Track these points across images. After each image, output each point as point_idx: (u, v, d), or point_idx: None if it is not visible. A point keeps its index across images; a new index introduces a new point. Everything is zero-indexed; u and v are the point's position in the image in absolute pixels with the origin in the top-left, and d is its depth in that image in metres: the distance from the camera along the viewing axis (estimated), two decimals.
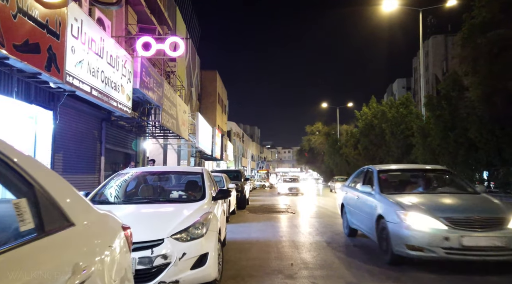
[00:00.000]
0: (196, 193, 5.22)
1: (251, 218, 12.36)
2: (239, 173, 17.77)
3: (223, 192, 5.28)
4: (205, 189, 5.05)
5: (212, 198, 5.03)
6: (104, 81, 7.98)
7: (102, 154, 13.23)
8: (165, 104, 14.01)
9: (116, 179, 5.30)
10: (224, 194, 5.21)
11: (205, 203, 4.71)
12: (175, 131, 16.11)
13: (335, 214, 13.39)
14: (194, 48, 33.59)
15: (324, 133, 75.00)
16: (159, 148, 23.15)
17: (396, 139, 30.60)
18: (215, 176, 12.89)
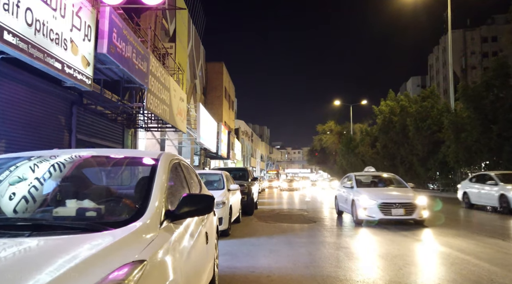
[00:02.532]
0: (126, 206, 2.37)
1: (259, 230, 9.48)
2: (245, 172, 14.87)
3: (194, 200, 2.32)
4: (149, 196, 2.15)
5: (167, 216, 2.16)
6: (33, 25, 5.19)
7: (71, 147, 10.46)
8: (152, 85, 11.21)
9: None
10: (196, 205, 2.26)
11: (125, 237, 1.76)
12: (167, 120, 13.30)
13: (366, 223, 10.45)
14: (198, 36, 30.84)
15: (337, 132, 72.18)
16: (155, 144, 20.41)
17: (421, 135, 27.47)
18: (212, 175, 10.05)
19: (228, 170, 14.50)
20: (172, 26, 21.56)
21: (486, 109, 19.67)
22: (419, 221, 9.97)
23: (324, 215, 13.35)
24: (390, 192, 10.92)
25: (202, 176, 9.79)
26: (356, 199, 10.42)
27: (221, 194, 8.34)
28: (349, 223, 10.85)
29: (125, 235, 1.77)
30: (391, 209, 9.76)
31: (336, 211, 13.21)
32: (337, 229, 9.57)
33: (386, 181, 12.46)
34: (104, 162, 3.08)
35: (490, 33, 79.05)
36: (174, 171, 3.05)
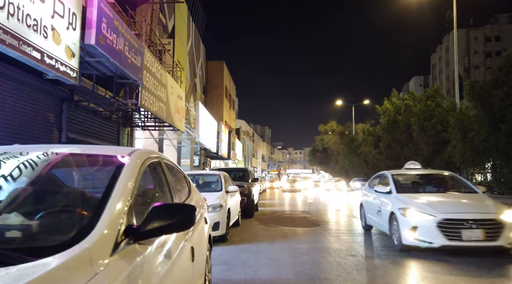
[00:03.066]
0: (78, 220, 1.72)
1: (260, 234, 8.89)
2: (245, 172, 14.27)
3: (167, 212, 1.59)
4: (103, 208, 1.52)
5: (128, 234, 1.58)
6: (6, 8, 4.62)
7: None
8: (147, 81, 10.65)
9: None
10: (170, 218, 1.57)
11: (45, 275, 1.17)
12: (164, 119, 12.73)
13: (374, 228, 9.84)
14: (198, 34, 30.27)
15: (338, 132, 71.64)
16: (154, 143, 19.84)
17: (426, 135, 26.82)
18: (209, 175, 9.48)
19: (228, 171, 13.93)
20: (171, 23, 21.01)
21: (495, 107, 19.03)
22: (508, 250, 6.35)
23: (328, 218, 12.76)
24: (455, 202, 7.10)
25: (199, 177, 9.22)
26: (399, 212, 6.84)
27: (219, 196, 7.77)
28: (357, 228, 10.24)
29: (46, 271, 1.18)
30: (460, 229, 6.11)
31: (363, 225, 9.57)
32: (342, 234, 8.97)
33: (441, 183, 8.35)
34: (69, 162, 2.48)
35: (493, 33, 78.41)
36: (152, 173, 2.47)
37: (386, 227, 7.41)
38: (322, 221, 11.55)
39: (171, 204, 1.76)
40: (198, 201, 3.71)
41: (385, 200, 7.73)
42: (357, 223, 10.87)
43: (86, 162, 2.25)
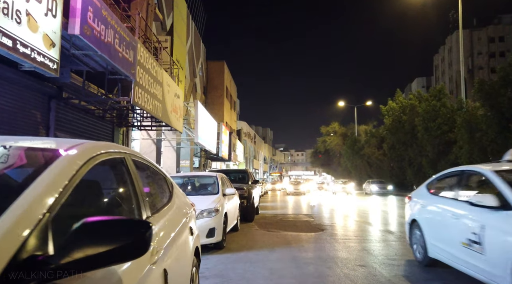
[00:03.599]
0: None
1: (260, 240, 8.28)
2: (245, 174, 13.65)
3: (102, 232, 1.04)
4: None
5: (32, 270, 0.97)
6: None
7: None
8: (140, 77, 10.05)
9: None
10: (104, 243, 1.02)
11: None
12: (159, 118, 12.14)
13: (384, 234, 9.21)
14: (198, 33, 29.71)
15: (341, 134, 70.94)
16: (151, 144, 19.26)
17: (431, 136, 26.17)
18: (205, 177, 8.88)
19: (226, 172, 13.33)
20: (169, 20, 20.44)
21: (503, 107, 18.40)
22: None
23: (333, 222, 12.12)
24: None
25: (194, 179, 8.61)
26: None
27: (214, 200, 7.15)
28: (368, 234, 9.61)
29: None
30: None
31: (418, 257, 5.86)
32: (349, 240, 8.34)
33: None
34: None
35: (497, 33, 77.68)
36: (109, 174, 1.86)
37: (499, 276, 3.84)
38: (325, 226, 10.91)
39: (111, 219, 1.16)
40: (180, 207, 3.09)
41: (495, 223, 4.11)
42: (369, 229, 10.26)
43: (15, 156, 1.63)
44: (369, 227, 10.68)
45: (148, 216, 2.10)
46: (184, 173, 16.66)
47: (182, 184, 8.34)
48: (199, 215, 6.52)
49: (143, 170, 2.45)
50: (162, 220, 2.38)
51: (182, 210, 3.08)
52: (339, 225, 11.35)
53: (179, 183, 8.35)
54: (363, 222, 11.86)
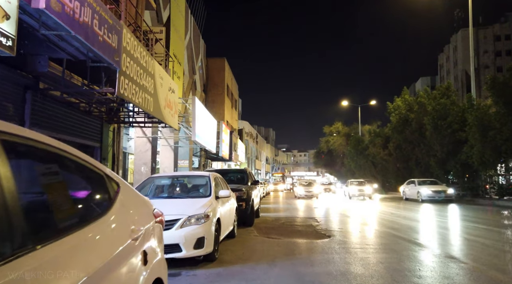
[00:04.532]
0: None
1: (258, 250, 7.25)
2: (244, 174, 12.61)
3: None
4: None
5: None
6: None
7: None
8: (127, 67, 9.05)
9: None
10: None
11: None
12: (151, 113, 11.13)
13: (413, 243, 8.14)
14: (198, 29, 28.72)
15: (344, 134, 69.80)
16: (146, 142, 18.26)
17: (440, 134, 25.07)
18: (196, 177, 7.88)
19: (223, 172, 12.32)
20: (166, 13, 19.47)
21: None
22: None
23: (339, 227, 11.08)
24: None
25: (182, 180, 7.59)
26: None
27: (205, 203, 6.13)
28: (372, 237, 8.55)
29: None
30: None
31: None
32: (361, 250, 7.29)
33: None
34: None
35: (503, 31, 76.43)
36: None
37: None
38: (332, 231, 9.88)
39: None
40: (124, 223, 2.04)
41: None
42: (388, 237, 9.20)
43: None
44: (385, 230, 9.61)
45: (23, 248, 1.08)
46: (173, 172, 15.62)
47: (169, 185, 7.33)
48: (186, 223, 5.52)
49: (39, 161, 1.43)
50: (69, 248, 1.35)
51: (126, 226, 2.03)
52: (346, 230, 10.32)
53: (166, 184, 7.35)
54: (385, 228, 10.79)
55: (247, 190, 10.90)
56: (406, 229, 10.34)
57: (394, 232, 9.43)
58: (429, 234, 9.66)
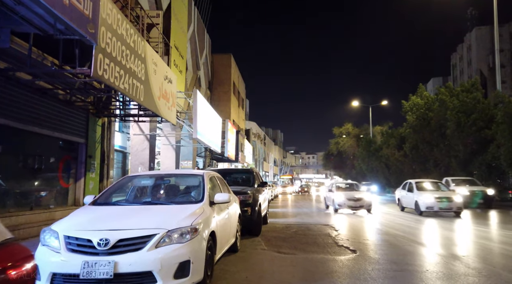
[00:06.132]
0: None
1: (267, 272, 5.59)
2: (250, 175, 10.87)
3: None
4: None
5: None
6: None
7: None
8: (107, 43, 7.44)
9: None
10: None
11: None
12: (141, 102, 9.51)
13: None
14: (203, 23, 27.17)
15: (354, 135, 67.82)
16: (144, 140, 16.68)
17: (463, 133, 23.16)
18: (185, 177, 6.23)
19: (225, 172, 10.64)
20: (166, 0, 17.91)
21: None
22: None
23: (366, 238, 9.36)
24: None
25: (168, 180, 5.92)
26: None
27: (192, 212, 4.46)
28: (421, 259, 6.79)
29: None
30: None
31: None
32: (399, 272, 5.57)
33: None
34: None
35: None
36: None
37: None
38: (357, 243, 8.16)
39: None
40: None
41: None
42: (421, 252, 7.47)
43: None
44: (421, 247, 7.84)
45: None
46: (158, 171, 13.95)
47: (152, 187, 5.68)
48: (164, 240, 3.87)
49: None
50: None
51: None
52: (374, 241, 8.59)
53: (147, 186, 5.70)
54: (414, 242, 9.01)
55: (254, 193, 9.21)
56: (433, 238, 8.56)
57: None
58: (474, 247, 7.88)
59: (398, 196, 18.46)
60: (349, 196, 16.51)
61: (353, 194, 16.66)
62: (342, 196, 16.59)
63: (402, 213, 16.38)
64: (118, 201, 5.14)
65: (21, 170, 8.71)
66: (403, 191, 17.53)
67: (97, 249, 3.73)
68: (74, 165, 10.65)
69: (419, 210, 15.01)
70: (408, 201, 16.65)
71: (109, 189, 5.33)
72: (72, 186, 10.54)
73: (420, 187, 16.13)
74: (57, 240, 3.89)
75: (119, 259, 3.65)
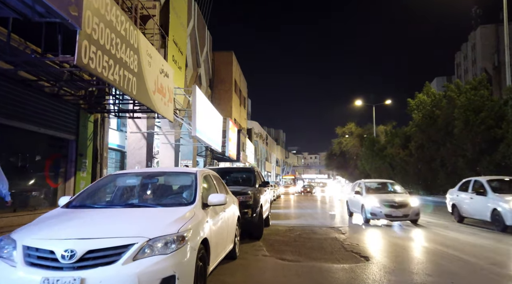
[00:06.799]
0: None
1: (268, 282, 4.92)
2: (251, 174, 10.16)
3: None
4: None
5: None
6: None
7: None
8: (94, 29, 6.79)
9: None
10: None
11: None
12: (133, 96, 8.85)
13: None
14: (203, 19, 26.52)
15: (357, 134, 67.03)
16: (141, 139, 16.04)
17: (472, 132, 22.40)
18: (177, 175, 5.54)
19: (224, 171, 9.98)
20: None
21: None
22: None
23: (373, 243, 8.67)
24: None
25: (156, 179, 5.23)
26: None
27: (180, 217, 3.78)
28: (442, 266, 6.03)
29: None
30: None
31: None
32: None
33: None
34: None
35: None
36: None
37: None
38: (367, 249, 7.48)
39: None
40: None
41: None
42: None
43: None
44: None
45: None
46: (145, 169, 13.26)
47: (138, 187, 5.00)
48: (144, 251, 3.21)
49: None
50: None
51: None
52: (385, 247, 7.91)
53: (132, 185, 5.02)
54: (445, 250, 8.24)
55: (255, 193, 8.54)
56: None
57: (451, 251, 6.96)
58: None
59: (453, 201, 13.11)
60: (386, 200, 11.72)
61: (392, 198, 11.94)
62: (376, 201, 11.76)
63: (463, 227, 11.40)
64: (96, 203, 4.47)
65: (3, 168, 8.05)
66: (464, 193, 12.41)
67: (60, 263, 3.06)
68: (64, 164, 10.00)
69: (503, 224, 9.85)
70: (474, 208, 11.64)
71: (87, 189, 4.67)
72: (61, 186, 9.89)
73: (498, 188, 11.08)
74: (15, 251, 3.22)
75: (88, 274, 2.99)
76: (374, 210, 11.57)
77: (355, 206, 13.60)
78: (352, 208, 14.20)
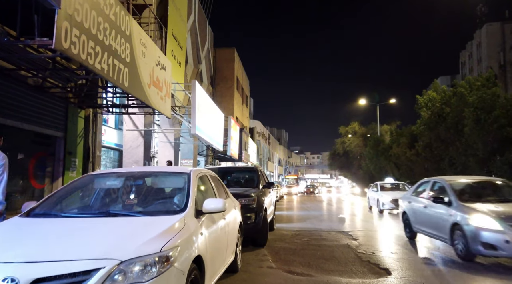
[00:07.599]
0: None
1: None
2: (254, 174, 9.30)
3: None
4: None
5: None
6: None
7: None
8: (77, 10, 5.99)
9: None
10: None
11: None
12: (124, 88, 8.04)
13: None
14: (204, 14, 25.71)
15: (361, 134, 66.08)
16: (138, 137, 15.24)
17: (483, 130, 21.51)
18: (168, 176, 4.68)
19: (225, 171, 9.16)
20: None
21: None
22: None
23: (391, 251, 7.84)
24: None
25: (141, 181, 4.38)
26: None
27: (165, 230, 2.94)
28: None
29: None
30: None
31: None
32: None
33: None
34: None
35: None
36: None
37: None
38: (385, 258, 6.65)
39: None
40: None
41: None
42: None
43: None
44: None
45: None
46: (131, 169, 12.44)
47: (120, 189, 4.17)
48: (115, 278, 2.38)
49: None
50: None
51: None
52: (405, 256, 7.08)
53: (113, 187, 4.18)
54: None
55: (258, 195, 7.71)
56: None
57: None
58: None
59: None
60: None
61: None
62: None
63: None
64: (64, 211, 3.65)
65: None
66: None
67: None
68: (51, 163, 9.19)
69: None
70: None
71: (57, 193, 3.85)
72: (48, 187, 9.08)
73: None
74: None
75: None
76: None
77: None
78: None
